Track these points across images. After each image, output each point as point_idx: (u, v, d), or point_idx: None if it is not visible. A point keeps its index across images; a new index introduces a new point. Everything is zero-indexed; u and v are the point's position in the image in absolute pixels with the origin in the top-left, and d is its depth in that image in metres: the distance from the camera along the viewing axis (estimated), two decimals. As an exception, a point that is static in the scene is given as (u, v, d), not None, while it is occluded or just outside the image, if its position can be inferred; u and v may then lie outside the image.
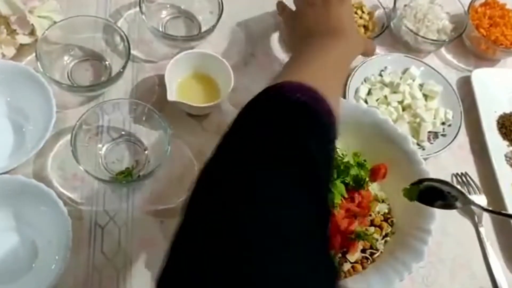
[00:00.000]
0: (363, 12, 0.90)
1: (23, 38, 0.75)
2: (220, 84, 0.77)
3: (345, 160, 0.68)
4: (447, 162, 0.82)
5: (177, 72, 0.76)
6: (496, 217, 0.79)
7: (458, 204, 0.62)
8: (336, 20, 0.66)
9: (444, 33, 0.90)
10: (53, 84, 0.70)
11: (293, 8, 0.76)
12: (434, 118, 0.83)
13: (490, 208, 0.72)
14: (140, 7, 0.77)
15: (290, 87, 0.46)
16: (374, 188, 0.70)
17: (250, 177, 0.37)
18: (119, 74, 0.73)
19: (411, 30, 0.87)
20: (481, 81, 0.88)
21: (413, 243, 0.64)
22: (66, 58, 0.77)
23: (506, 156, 0.83)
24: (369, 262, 0.65)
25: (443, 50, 0.94)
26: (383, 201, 0.70)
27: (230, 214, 0.34)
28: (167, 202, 0.70)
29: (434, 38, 0.89)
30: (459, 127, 0.82)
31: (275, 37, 0.89)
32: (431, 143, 0.81)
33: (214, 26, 0.79)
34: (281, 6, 0.80)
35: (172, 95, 0.72)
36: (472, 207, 0.70)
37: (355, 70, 0.83)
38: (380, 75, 0.86)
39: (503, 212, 0.73)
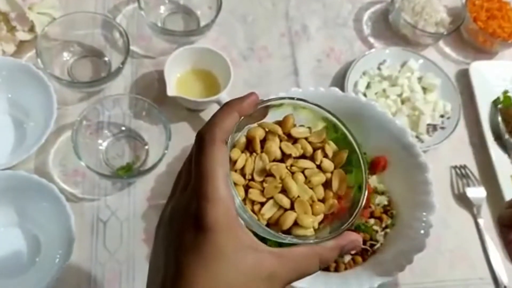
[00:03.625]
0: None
1: (22, 35, 0.75)
2: (219, 79, 0.78)
3: None
4: (446, 154, 0.82)
5: (177, 67, 0.76)
6: (495, 209, 0.79)
7: None
8: None
9: (442, 26, 0.90)
10: (53, 81, 0.71)
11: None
12: (433, 111, 0.83)
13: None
14: (138, 2, 0.77)
15: None
16: (373, 180, 0.71)
17: None
18: (119, 70, 0.73)
19: (409, 23, 0.88)
20: (479, 74, 0.88)
21: (412, 234, 0.64)
22: (65, 54, 0.77)
23: (504, 148, 0.84)
24: (369, 253, 0.66)
25: (441, 43, 0.94)
26: (382, 194, 0.70)
27: None
28: (168, 196, 0.71)
29: (432, 31, 0.89)
30: (458, 120, 0.82)
31: (273, 31, 0.89)
32: (430, 136, 0.82)
33: (212, 21, 0.79)
34: None
35: (171, 90, 0.72)
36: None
37: (354, 63, 0.84)
38: (379, 68, 0.86)
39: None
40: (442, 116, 0.84)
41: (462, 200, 0.79)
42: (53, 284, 0.60)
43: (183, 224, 0.31)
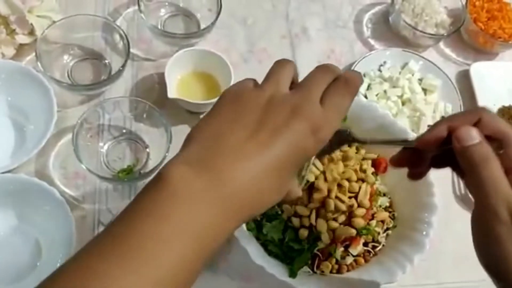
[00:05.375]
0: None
1: (22, 38, 0.75)
2: (220, 81, 0.78)
3: None
4: None
5: (177, 69, 0.76)
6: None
7: None
8: (256, 165, 0.36)
9: (442, 27, 0.90)
10: (53, 83, 0.71)
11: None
12: (434, 112, 0.83)
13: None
14: (138, 5, 0.77)
15: None
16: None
17: None
18: (119, 72, 0.73)
19: (410, 25, 0.88)
20: (480, 75, 0.88)
21: (414, 235, 0.64)
22: (66, 57, 0.77)
23: (506, 148, 0.83)
24: (371, 255, 0.66)
25: (441, 44, 0.94)
26: (384, 195, 0.70)
27: None
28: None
29: (433, 32, 0.89)
30: (459, 121, 0.82)
31: (273, 33, 0.89)
32: (431, 137, 0.82)
33: (212, 24, 0.79)
34: None
35: (172, 93, 0.72)
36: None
37: (354, 65, 0.84)
38: (379, 70, 0.86)
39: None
40: (443, 117, 0.84)
41: (464, 201, 0.79)
42: (54, 288, 0.59)
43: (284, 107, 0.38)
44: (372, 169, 0.69)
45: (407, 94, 0.83)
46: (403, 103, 0.83)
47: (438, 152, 0.45)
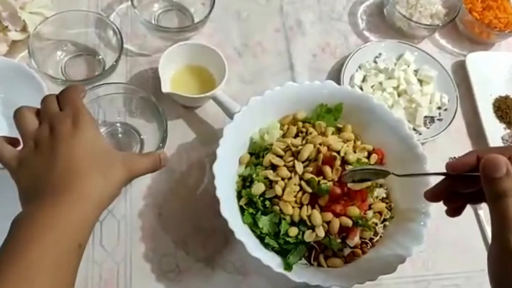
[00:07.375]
0: None
1: (15, 35, 0.74)
2: (214, 75, 0.77)
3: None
4: (444, 146, 0.81)
5: (171, 64, 0.75)
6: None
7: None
8: (63, 166, 0.47)
9: (438, 18, 0.90)
10: (47, 80, 0.70)
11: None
12: (430, 103, 0.83)
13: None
14: (131, 0, 0.77)
15: None
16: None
17: None
18: (113, 67, 0.73)
19: (404, 16, 0.87)
20: (476, 65, 0.88)
21: (412, 226, 0.64)
22: (59, 53, 0.77)
23: (502, 138, 0.83)
24: (368, 246, 0.65)
25: (437, 35, 0.94)
26: (381, 186, 0.69)
27: None
28: (165, 194, 0.70)
29: (428, 23, 0.89)
30: (455, 111, 0.82)
31: (268, 27, 0.88)
32: (428, 128, 0.81)
33: (206, 17, 0.79)
34: None
35: (166, 87, 0.72)
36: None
37: (349, 57, 0.83)
38: (375, 61, 0.86)
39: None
40: (439, 108, 0.83)
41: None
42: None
43: (63, 131, 0.49)
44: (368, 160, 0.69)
45: (402, 85, 0.83)
46: (399, 95, 0.83)
47: (473, 188, 0.46)
